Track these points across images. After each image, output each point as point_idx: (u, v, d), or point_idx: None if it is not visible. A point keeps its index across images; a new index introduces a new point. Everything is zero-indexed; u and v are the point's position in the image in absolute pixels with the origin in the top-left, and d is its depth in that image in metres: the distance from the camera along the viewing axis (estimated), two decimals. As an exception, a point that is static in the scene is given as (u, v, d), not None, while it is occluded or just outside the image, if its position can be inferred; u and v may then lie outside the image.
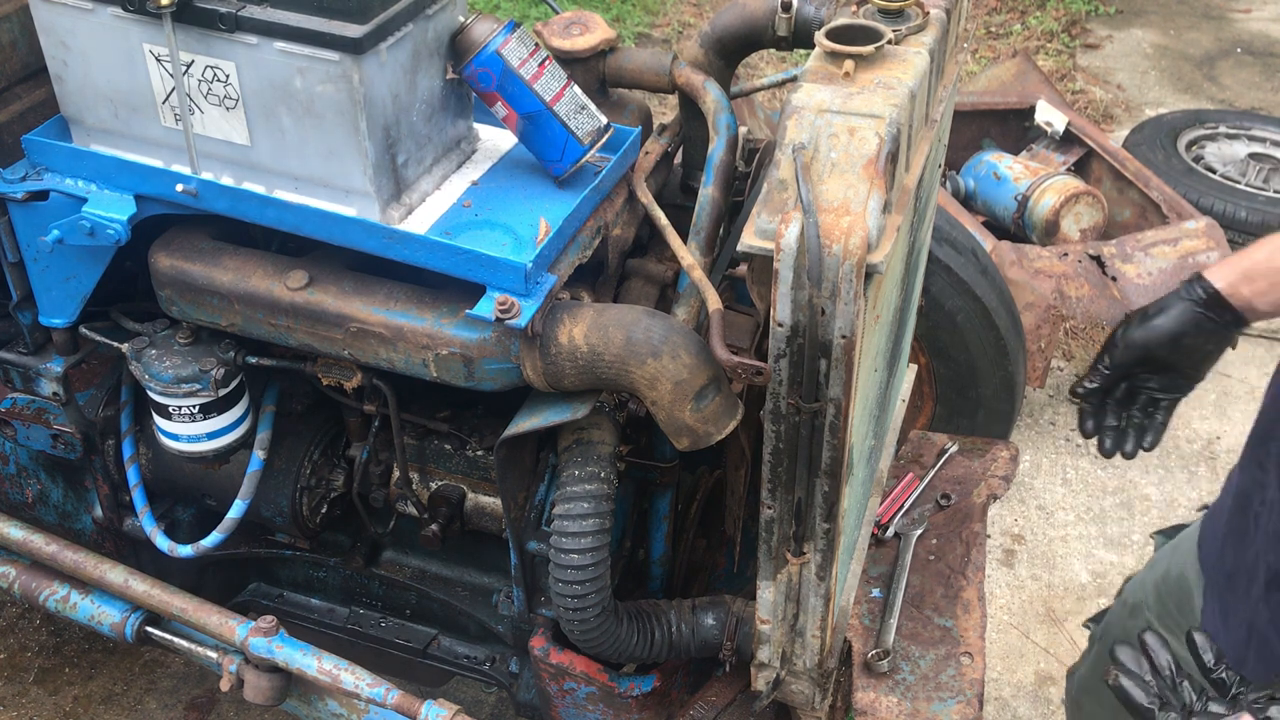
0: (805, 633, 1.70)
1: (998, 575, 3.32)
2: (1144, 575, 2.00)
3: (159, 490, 2.17)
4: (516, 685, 2.17)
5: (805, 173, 1.36)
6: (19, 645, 2.97)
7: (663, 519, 2.00)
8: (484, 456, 2.00)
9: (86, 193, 1.79)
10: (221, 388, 1.88)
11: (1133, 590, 1.99)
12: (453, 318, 1.70)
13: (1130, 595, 1.99)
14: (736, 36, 1.97)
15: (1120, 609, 2.02)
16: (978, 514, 2.21)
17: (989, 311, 3.07)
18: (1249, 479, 1.66)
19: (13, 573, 2.19)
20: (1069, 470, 3.70)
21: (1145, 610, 1.90)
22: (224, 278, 1.78)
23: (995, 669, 3.04)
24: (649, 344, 1.62)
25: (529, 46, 1.73)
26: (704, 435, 1.66)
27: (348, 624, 2.27)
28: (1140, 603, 1.93)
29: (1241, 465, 1.71)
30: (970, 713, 1.85)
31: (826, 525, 1.55)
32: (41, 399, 2.06)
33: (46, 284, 1.91)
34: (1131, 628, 1.92)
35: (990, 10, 6.53)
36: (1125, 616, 1.98)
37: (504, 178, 1.85)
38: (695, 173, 2.05)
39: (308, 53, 1.59)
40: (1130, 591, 2.00)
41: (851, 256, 1.31)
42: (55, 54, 1.76)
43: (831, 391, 1.41)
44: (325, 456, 2.11)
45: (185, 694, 2.88)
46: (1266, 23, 6.63)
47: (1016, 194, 3.87)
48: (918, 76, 1.48)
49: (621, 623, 1.81)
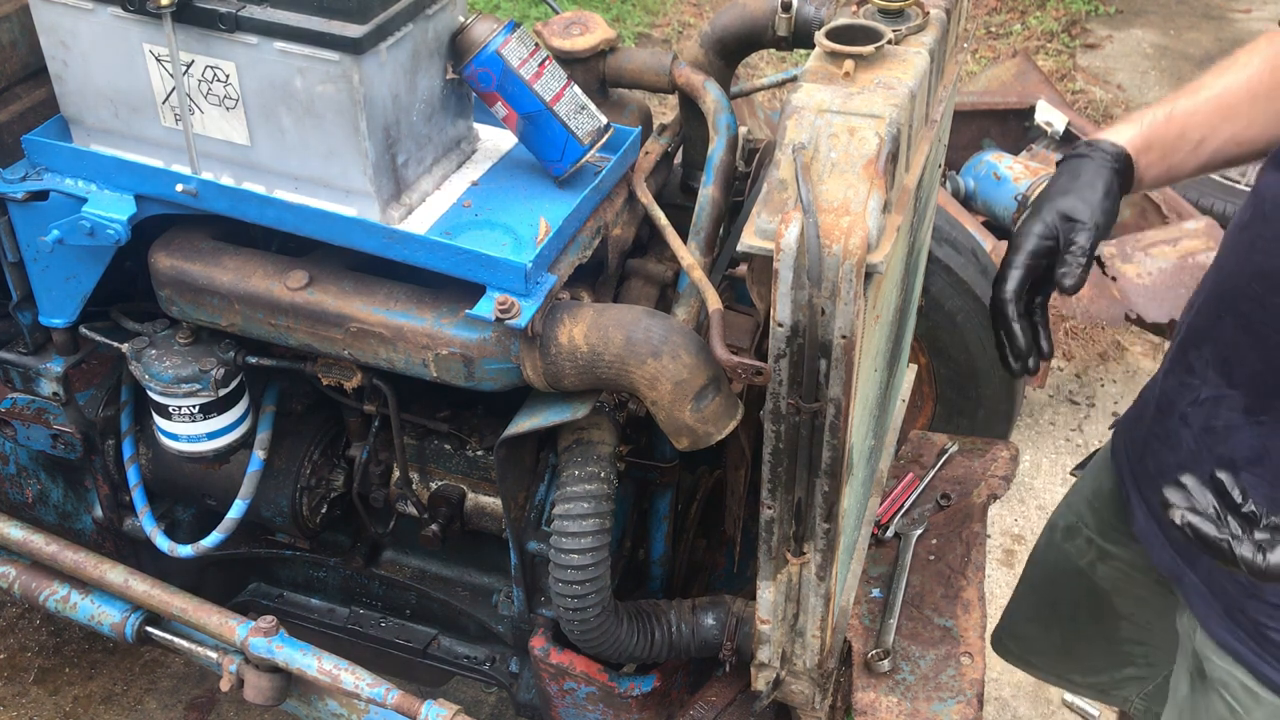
0: (805, 633, 1.70)
1: (998, 575, 3.32)
2: (1070, 499, 2.07)
3: (159, 490, 2.17)
4: (516, 685, 2.17)
5: (805, 173, 1.36)
6: (19, 645, 2.97)
7: (663, 519, 2.00)
8: (484, 456, 2.00)
9: (86, 193, 1.79)
10: (221, 388, 1.88)
11: (1061, 515, 2.07)
12: (453, 318, 1.70)
13: (1060, 520, 2.06)
14: (736, 36, 1.97)
15: (1050, 536, 2.09)
16: (978, 514, 2.21)
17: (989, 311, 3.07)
18: (1174, 383, 1.70)
19: (13, 573, 2.19)
20: (1069, 470, 3.70)
21: (1084, 528, 1.98)
22: (224, 278, 1.78)
23: (995, 669, 3.04)
24: (649, 344, 1.62)
25: (529, 46, 1.73)
26: (704, 435, 1.66)
27: (348, 624, 2.27)
28: (1074, 524, 2.01)
29: (1165, 371, 1.75)
30: (970, 713, 1.85)
31: (826, 525, 1.55)
32: (41, 399, 2.06)
33: (46, 284, 1.91)
34: (1071, 549, 2.02)
35: (990, 10, 6.53)
36: (1060, 541, 2.05)
37: (504, 178, 1.85)
38: (695, 173, 2.05)
39: (308, 53, 1.59)
40: (1059, 517, 2.07)
41: (851, 256, 1.31)
42: (55, 54, 1.76)
43: (831, 391, 1.41)
44: (325, 456, 2.11)
45: (185, 694, 2.88)
46: (1266, 23, 6.63)
47: (1016, 194, 3.87)
48: (918, 76, 1.48)
49: (621, 623, 1.81)
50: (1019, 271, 1.53)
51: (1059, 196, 1.55)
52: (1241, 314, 1.58)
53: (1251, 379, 1.58)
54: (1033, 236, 1.53)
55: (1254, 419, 1.58)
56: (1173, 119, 1.63)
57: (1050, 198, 1.55)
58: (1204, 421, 1.64)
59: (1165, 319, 3.53)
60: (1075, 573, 2.05)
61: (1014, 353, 1.56)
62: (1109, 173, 1.56)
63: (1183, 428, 1.68)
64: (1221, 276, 1.65)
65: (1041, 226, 1.53)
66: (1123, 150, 1.59)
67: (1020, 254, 1.53)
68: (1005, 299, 1.53)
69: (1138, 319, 3.53)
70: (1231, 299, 1.61)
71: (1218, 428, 1.62)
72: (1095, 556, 2.01)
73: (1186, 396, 1.68)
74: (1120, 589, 2.00)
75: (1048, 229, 1.53)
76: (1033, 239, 1.53)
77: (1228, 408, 1.61)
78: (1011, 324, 1.54)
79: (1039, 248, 1.53)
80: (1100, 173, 1.56)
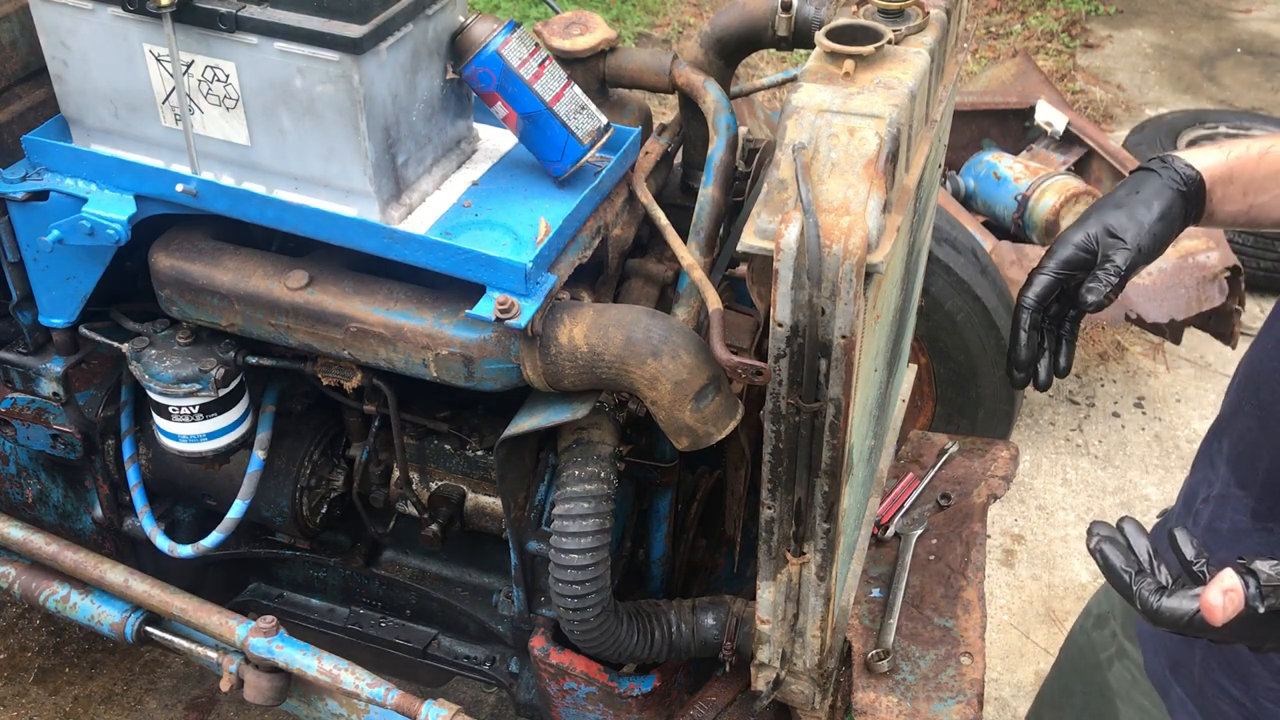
0: (805, 633, 1.70)
1: (998, 575, 3.32)
2: (1108, 586, 1.96)
3: (159, 490, 2.17)
4: (516, 685, 2.17)
5: (805, 173, 1.36)
6: (19, 645, 2.97)
7: (663, 519, 2.00)
8: (484, 456, 2.00)
9: (86, 193, 1.79)
10: (221, 388, 1.88)
11: (1097, 602, 1.95)
12: (453, 318, 1.70)
13: (1095, 606, 1.95)
14: (736, 36, 1.97)
15: (1084, 621, 1.97)
16: (978, 514, 2.21)
17: (989, 311, 3.08)
18: (1198, 477, 1.62)
19: (13, 573, 2.19)
20: (1069, 470, 3.70)
21: (1112, 620, 1.87)
22: (224, 278, 1.78)
23: (995, 669, 3.05)
24: (649, 344, 1.62)
25: (529, 46, 1.73)
26: (704, 435, 1.66)
27: (348, 624, 2.27)
28: (1106, 613, 1.89)
29: (1194, 464, 1.66)
30: (970, 713, 1.85)
31: (826, 525, 1.55)
32: (41, 399, 2.06)
33: (46, 284, 1.91)
34: (1098, 639, 1.89)
35: (990, 10, 6.53)
36: (1090, 628, 1.94)
37: (504, 178, 1.85)
38: (695, 173, 2.05)
39: (308, 53, 1.59)
40: (1095, 603, 1.96)
41: (851, 256, 1.31)
42: (55, 54, 1.76)
43: (831, 391, 1.41)
44: (325, 456, 2.11)
45: (185, 694, 2.88)
46: (1266, 23, 6.63)
47: (1016, 194, 3.87)
48: (918, 76, 1.48)
49: (621, 623, 1.81)
50: (1046, 278, 1.42)
51: (1110, 209, 1.43)
52: (1261, 404, 1.47)
53: (1263, 479, 1.46)
54: (1070, 245, 1.42)
55: (1262, 525, 1.46)
56: (1267, 156, 1.47)
57: (1101, 208, 1.44)
58: (1209, 521, 1.54)
59: (1165, 319, 3.53)
60: (1094, 666, 1.92)
61: (1013, 361, 1.47)
62: (1172, 194, 1.43)
63: (1193, 525, 1.57)
64: (1252, 361, 1.52)
65: (1082, 237, 1.42)
66: (1196, 174, 1.45)
67: (1052, 261, 1.43)
68: (1022, 305, 1.44)
69: (1138, 319, 3.53)
70: (1254, 387, 1.49)
71: (1222, 530, 1.52)
72: (1115, 653, 1.86)
73: (1202, 492, 1.57)
74: (1127, 695, 1.85)
75: (1088, 240, 1.41)
76: (1069, 248, 1.42)
77: (1234, 509, 1.50)
78: (1019, 331, 1.45)
79: (1073, 258, 1.42)
80: (1162, 193, 1.43)
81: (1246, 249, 4.25)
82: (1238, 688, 1.49)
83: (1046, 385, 1.48)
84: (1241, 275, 3.60)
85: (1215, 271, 3.56)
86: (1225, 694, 1.52)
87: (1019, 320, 1.45)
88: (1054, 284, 1.43)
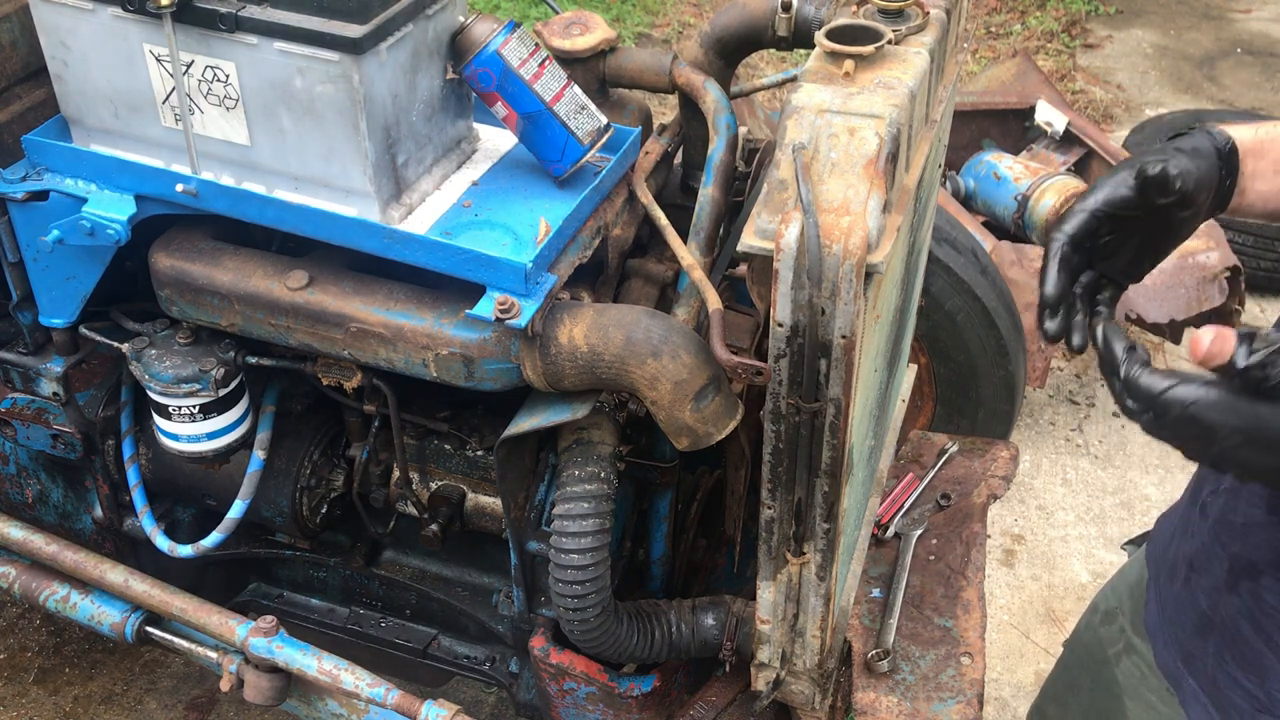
0: (805, 633, 1.70)
1: (998, 575, 3.32)
2: (1115, 582, 1.94)
3: (159, 490, 2.18)
4: (516, 685, 2.17)
5: (805, 173, 1.36)
6: (19, 645, 2.97)
7: (663, 519, 2.00)
8: (484, 456, 2.00)
9: (86, 193, 1.79)
10: (221, 388, 1.88)
11: (1104, 598, 1.94)
12: (453, 318, 1.70)
13: (1102, 603, 1.94)
14: (736, 36, 1.97)
15: (1091, 617, 1.96)
16: (978, 514, 2.21)
17: (989, 311, 3.08)
18: (1205, 471, 1.59)
19: (13, 573, 2.19)
20: (1069, 470, 3.70)
21: (1120, 616, 1.86)
22: (224, 278, 1.78)
23: (995, 669, 3.05)
24: (649, 344, 1.62)
25: (529, 46, 1.73)
26: (704, 435, 1.66)
27: (348, 624, 2.27)
28: (1114, 609, 1.88)
29: None
30: (970, 713, 1.85)
31: (826, 525, 1.55)
32: (41, 399, 2.06)
33: (46, 284, 1.91)
34: (1105, 635, 1.88)
35: (990, 10, 6.53)
36: (1097, 624, 1.92)
37: (504, 178, 1.85)
38: (695, 173, 2.05)
39: (308, 53, 1.59)
40: (1102, 599, 1.95)
41: (851, 256, 1.31)
42: (55, 54, 1.76)
43: (831, 391, 1.41)
44: (325, 456, 2.11)
45: (185, 694, 2.88)
46: (1266, 23, 6.63)
47: (1016, 194, 3.87)
48: (918, 76, 1.48)
49: (621, 623, 1.81)
50: (1081, 217, 1.29)
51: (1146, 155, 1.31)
52: None
53: None
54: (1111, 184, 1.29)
55: (1276, 517, 1.42)
56: None
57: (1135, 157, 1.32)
58: (1220, 513, 1.51)
59: (1165, 319, 3.53)
60: (1101, 662, 1.90)
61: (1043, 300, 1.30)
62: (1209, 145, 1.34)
63: (1200, 518, 1.55)
64: None
65: (1126, 172, 1.28)
66: (1230, 139, 1.36)
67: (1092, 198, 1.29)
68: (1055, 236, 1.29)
69: (1138, 319, 3.53)
70: None
71: (1235, 523, 1.48)
72: (1122, 648, 1.84)
73: (1209, 485, 1.55)
74: (1134, 691, 1.83)
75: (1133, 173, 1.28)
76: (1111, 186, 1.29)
77: (1247, 501, 1.46)
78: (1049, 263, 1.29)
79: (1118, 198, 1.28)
80: (1200, 140, 1.34)
81: (1246, 249, 4.25)
82: (1251, 679, 1.49)
83: (1081, 348, 1.33)
84: (1241, 275, 3.60)
85: (1215, 271, 3.56)
86: (1238, 686, 1.51)
87: (1049, 251, 1.30)
88: (1091, 223, 1.30)
